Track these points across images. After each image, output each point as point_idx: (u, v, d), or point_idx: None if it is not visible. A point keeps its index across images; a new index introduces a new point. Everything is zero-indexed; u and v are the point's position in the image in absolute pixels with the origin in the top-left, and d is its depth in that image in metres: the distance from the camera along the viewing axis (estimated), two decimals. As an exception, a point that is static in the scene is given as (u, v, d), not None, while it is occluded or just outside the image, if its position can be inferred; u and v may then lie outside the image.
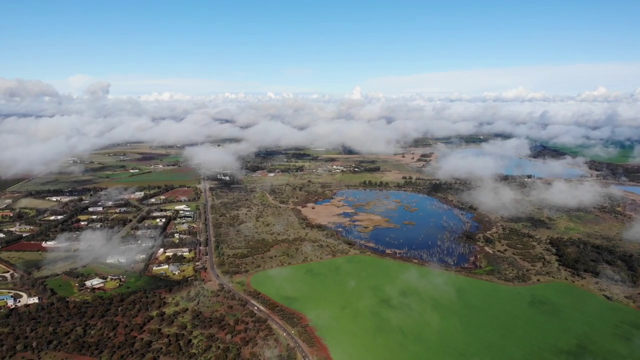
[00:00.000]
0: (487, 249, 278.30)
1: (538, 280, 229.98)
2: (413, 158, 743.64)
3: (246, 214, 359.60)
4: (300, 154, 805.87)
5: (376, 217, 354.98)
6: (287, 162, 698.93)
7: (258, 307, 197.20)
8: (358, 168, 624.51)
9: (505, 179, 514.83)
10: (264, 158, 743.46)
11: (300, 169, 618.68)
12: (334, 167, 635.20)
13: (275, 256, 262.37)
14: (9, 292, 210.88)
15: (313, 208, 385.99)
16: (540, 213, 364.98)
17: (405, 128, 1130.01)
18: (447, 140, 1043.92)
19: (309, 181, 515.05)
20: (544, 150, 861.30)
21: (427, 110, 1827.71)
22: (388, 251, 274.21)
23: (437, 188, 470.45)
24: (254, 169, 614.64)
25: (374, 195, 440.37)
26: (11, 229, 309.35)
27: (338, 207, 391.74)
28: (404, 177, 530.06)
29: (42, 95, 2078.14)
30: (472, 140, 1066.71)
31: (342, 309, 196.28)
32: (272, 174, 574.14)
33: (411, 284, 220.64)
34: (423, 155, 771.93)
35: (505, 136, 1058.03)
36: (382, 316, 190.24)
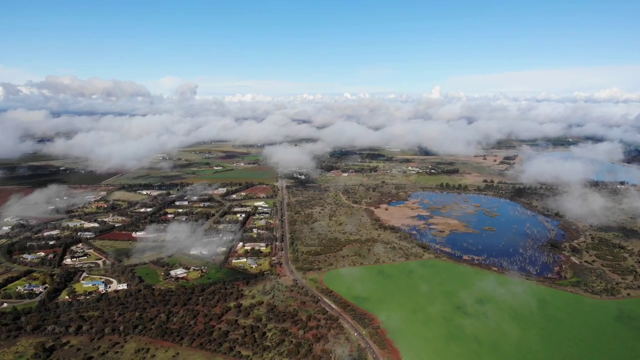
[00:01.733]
0: (573, 259, 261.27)
1: (628, 294, 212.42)
2: (495, 160, 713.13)
3: (320, 213, 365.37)
4: (374, 154, 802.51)
5: (453, 221, 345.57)
6: (361, 162, 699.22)
7: (330, 305, 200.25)
8: (435, 170, 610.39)
9: (595, 185, 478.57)
10: (338, 158, 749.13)
11: (374, 169, 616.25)
12: (409, 168, 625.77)
13: (348, 255, 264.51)
14: (100, 278, 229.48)
15: (386, 209, 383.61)
16: (634, 223, 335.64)
17: (487, 129, 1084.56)
18: (532, 142, 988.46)
19: (383, 182, 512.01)
20: (639, 155, 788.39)
21: (512, 111, 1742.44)
22: (465, 257, 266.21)
23: (520, 193, 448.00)
24: (329, 168, 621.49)
25: (452, 199, 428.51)
26: (105, 219, 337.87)
27: (412, 209, 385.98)
28: (485, 180, 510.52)
29: (136, 95, 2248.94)
30: (560, 142, 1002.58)
31: (414, 313, 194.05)
32: (345, 174, 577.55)
33: (488, 292, 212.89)
34: (506, 158, 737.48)
35: (596, 139, 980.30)
36: (456, 323, 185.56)
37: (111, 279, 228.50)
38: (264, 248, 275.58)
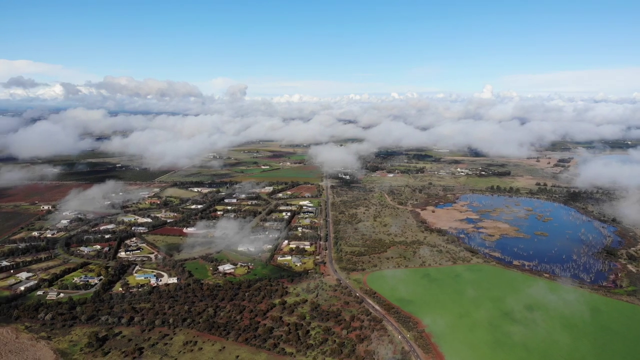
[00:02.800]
0: (630, 267, 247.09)
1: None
2: (549, 163, 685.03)
3: (364, 213, 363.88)
4: (421, 155, 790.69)
5: (503, 225, 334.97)
6: (407, 163, 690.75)
7: (374, 307, 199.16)
8: (485, 171, 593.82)
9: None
10: (384, 158, 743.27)
11: (421, 170, 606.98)
12: (458, 169, 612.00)
13: (392, 257, 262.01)
14: (152, 272, 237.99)
15: (433, 211, 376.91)
16: None
17: (540, 130, 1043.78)
18: (588, 144, 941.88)
19: (430, 183, 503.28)
20: None
21: (567, 112, 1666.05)
22: (515, 262, 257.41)
23: (575, 197, 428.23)
24: (374, 169, 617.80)
25: (502, 202, 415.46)
26: (158, 215, 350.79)
27: (461, 212, 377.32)
28: (538, 184, 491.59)
29: (189, 95, 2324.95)
30: (619, 145, 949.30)
31: (459, 318, 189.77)
32: (391, 175, 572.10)
33: (538, 299, 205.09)
34: (560, 160, 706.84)
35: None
36: (504, 329, 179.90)
37: (162, 273, 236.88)
38: (309, 247, 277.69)
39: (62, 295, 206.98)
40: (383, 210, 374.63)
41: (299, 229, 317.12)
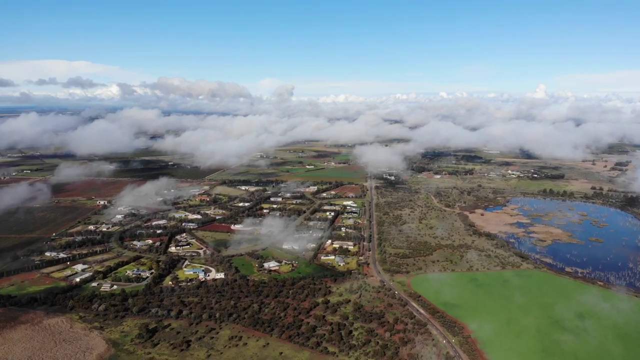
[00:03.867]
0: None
1: None
2: (605, 166, 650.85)
3: (409, 215, 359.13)
4: (470, 156, 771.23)
5: (556, 230, 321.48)
6: (455, 164, 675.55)
7: (418, 310, 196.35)
8: (537, 174, 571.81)
9: None
10: (430, 159, 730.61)
11: (470, 172, 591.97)
12: (509, 171, 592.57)
13: (438, 261, 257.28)
14: (201, 267, 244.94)
15: (482, 215, 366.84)
16: None
17: (597, 132, 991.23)
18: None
19: (479, 185, 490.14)
20: None
21: (625, 113, 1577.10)
22: (567, 269, 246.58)
23: (633, 202, 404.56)
24: (420, 169, 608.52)
25: (555, 206, 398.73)
26: (207, 212, 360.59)
27: (511, 215, 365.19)
28: (593, 188, 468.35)
29: (238, 96, 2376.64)
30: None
31: (507, 324, 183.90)
32: (438, 176, 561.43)
33: (591, 307, 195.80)
34: (618, 164, 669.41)
35: None
36: (553, 338, 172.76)
37: (210, 268, 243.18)
38: (352, 247, 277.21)
39: (115, 287, 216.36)
40: (429, 212, 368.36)
41: (343, 229, 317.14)
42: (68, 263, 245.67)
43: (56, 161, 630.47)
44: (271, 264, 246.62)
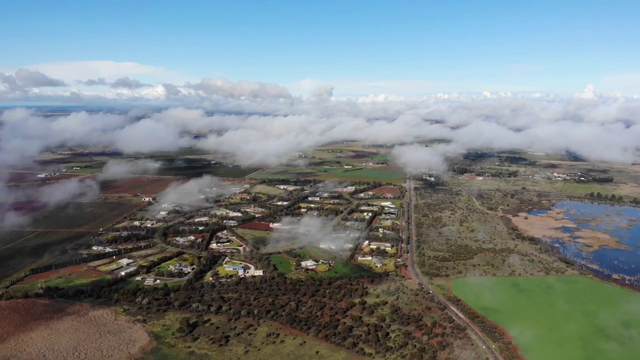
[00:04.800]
0: None
1: None
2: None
3: (449, 217, 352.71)
4: (514, 157, 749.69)
5: (603, 235, 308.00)
6: (498, 165, 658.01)
7: (457, 314, 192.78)
8: (585, 177, 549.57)
9: None
10: (472, 160, 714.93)
11: (514, 174, 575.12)
12: (555, 174, 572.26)
13: (479, 265, 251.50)
14: (240, 263, 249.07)
15: (525, 218, 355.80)
16: None
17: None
18: None
19: (523, 188, 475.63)
20: None
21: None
22: (615, 276, 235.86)
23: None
24: (461, 171, 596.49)
25: (603, 210, 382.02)
26: (247, 210, 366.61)
27: (556, 219, 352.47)
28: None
29: (278, 96, 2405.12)
30: None
31: (549, 331, 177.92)
32: (480, 178, 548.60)
33: (637, 316, 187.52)
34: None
35: None
36: (597, 346, 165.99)
37: (249, 265, 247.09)
38: (389, 248, 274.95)
39: (158, 281, 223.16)
40: (470, 215, 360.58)
41: (380, 230, 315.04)
42: (114, 257, 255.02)
43: (104, 159, 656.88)
44: (308, 263, 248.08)
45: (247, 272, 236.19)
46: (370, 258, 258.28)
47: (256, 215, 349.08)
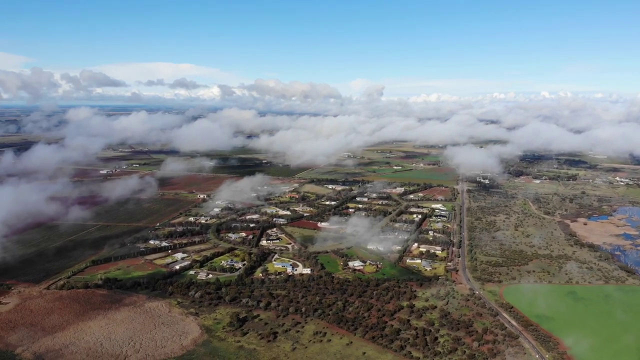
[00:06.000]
0: None
1: None
2: None
3: (504, 221, 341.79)
4: (574, 160, 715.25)
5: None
6: (557, 168, 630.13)
7: (509, 321, 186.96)
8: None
9: None
10: (529, 163, 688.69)
11: (573, 177, 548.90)
12: (617, 178, 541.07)
13: (534, 271, 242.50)
14: (289, 261, 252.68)
15: (585, 224, 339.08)
16: None
17: None
18: None
19: (583, 192, 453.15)
20: None
21: None
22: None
23: None
24: (517, 173, 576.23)
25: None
26: (296, 209, 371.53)
27: (618, 226, 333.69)
28: None
29: (329, 97, 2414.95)
30: None
31: (606, 342, 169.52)
32: (537, 181, 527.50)
33: None
34: None
35: None
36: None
37: (298, 263, 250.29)
38: (440, 252, 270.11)
39: (210, 276, 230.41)
40: (526, 220, 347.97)
41: (430, 232, 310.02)
42: (169, 251, 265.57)
43: (162, 156, 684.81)
44: (356, 263, 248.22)
45: (296, 270, 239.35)
46: (419, 261, 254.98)
47: (304, 214, 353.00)
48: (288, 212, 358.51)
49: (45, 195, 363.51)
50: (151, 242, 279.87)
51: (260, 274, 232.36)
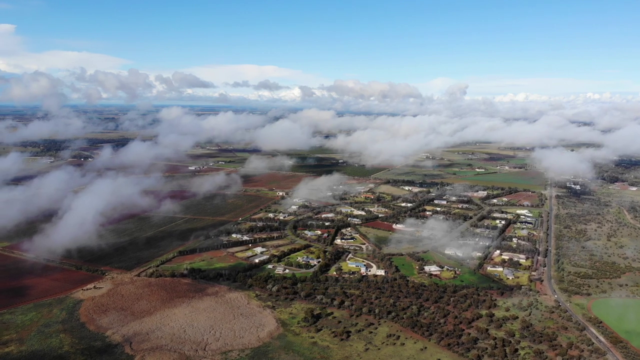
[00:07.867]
0: None
1: None
2: None
3: (595, 230, 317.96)
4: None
5: None
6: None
7: (597, 337, 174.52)
8: None
9: None
10: (626, 168, 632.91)
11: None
12: None
13: (626, 285, 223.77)
14: (362, 261, 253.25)
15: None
16: None
17: None
18: None
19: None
20: None
21: None
22: None
23: None
24: (612, 179, 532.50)
25: None
26: (370, 209, 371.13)
27: None
28: None
29: (408, 96, 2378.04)
30: None
31: None
32: (634, 188, 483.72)
33: None
34: None
35: None
36: None
37: (371, 264, 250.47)
38: (524, 260, 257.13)
39: (287, 271, 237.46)
40: (620, 229, 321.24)
41: (514, 239, 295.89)
42: (249, 245, 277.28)
43: (245, 155, 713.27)
44: (432, 268, 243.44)
45: (369, 271, 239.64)
46: (501, 269, 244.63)
47: (379, 215, 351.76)
48: (363, 212, 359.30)
49: (139, 188, 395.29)
50: (233, 235, 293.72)
51: (335, 272, 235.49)
